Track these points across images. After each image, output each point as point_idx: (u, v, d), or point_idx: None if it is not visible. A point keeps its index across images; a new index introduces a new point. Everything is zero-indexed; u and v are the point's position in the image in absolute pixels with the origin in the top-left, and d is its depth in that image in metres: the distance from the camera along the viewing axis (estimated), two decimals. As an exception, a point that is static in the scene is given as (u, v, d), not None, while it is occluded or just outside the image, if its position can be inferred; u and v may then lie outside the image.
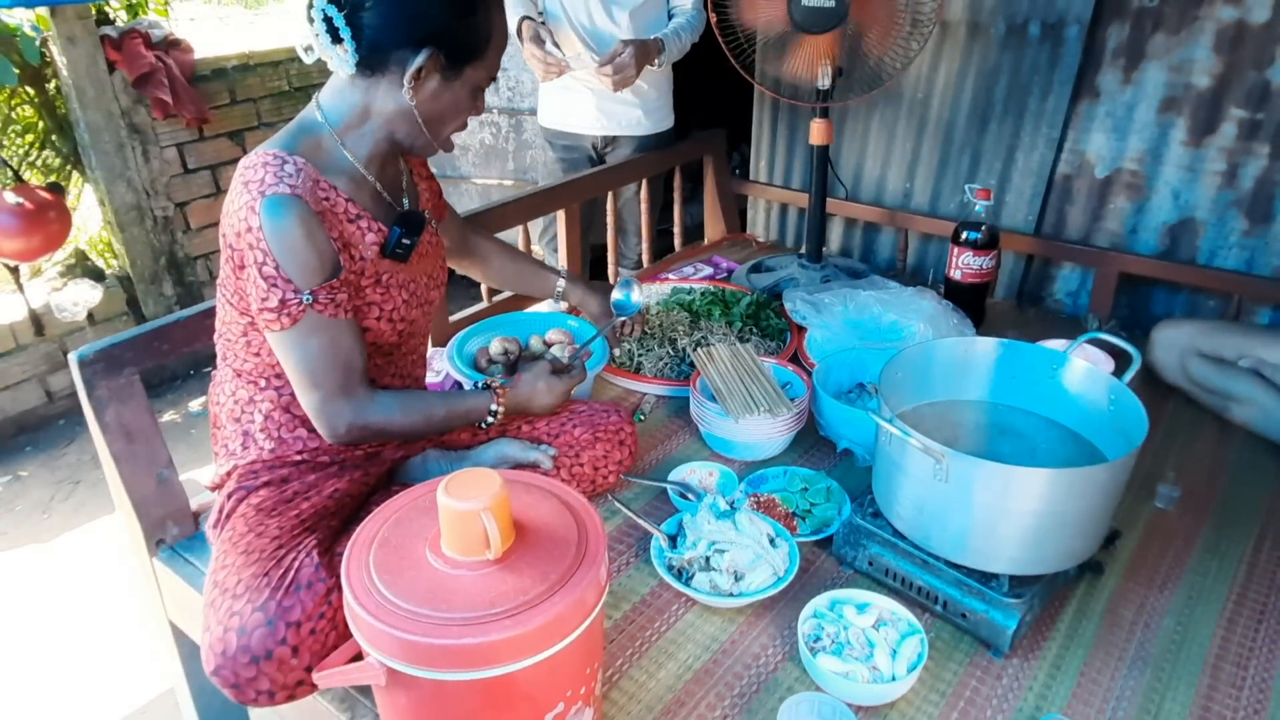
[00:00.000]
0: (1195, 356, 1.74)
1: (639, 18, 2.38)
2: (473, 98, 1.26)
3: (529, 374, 1.44)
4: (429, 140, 1.26)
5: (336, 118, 1.23)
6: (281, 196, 1.12)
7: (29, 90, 2.92)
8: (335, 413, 1.23)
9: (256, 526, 1.19)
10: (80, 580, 2.24)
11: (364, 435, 1.27)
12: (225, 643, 1.04)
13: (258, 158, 1.17)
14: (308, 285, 1.15)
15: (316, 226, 1.15)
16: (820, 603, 1.23)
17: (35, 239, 2.61)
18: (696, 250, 2.77)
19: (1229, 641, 1.23)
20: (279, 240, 1.12)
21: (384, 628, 0.85)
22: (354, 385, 1.24)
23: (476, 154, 3.36)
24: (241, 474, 1.29)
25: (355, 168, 1.25)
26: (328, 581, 1.09)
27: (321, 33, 1.15)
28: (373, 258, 1.25)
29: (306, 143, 1.21)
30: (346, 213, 1.22)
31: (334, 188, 1.21)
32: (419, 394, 1.35)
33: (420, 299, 1.36)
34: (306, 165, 1.17)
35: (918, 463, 1.17)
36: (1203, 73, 1.98)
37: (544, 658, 0.87)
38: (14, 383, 2.85)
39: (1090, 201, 2.21)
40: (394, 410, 1.28)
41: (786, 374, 1.76)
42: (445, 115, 1.25)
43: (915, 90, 2.40)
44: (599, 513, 1.02)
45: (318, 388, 1.21)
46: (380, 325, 1.28)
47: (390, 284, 1.28)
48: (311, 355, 1.19)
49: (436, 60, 1.18)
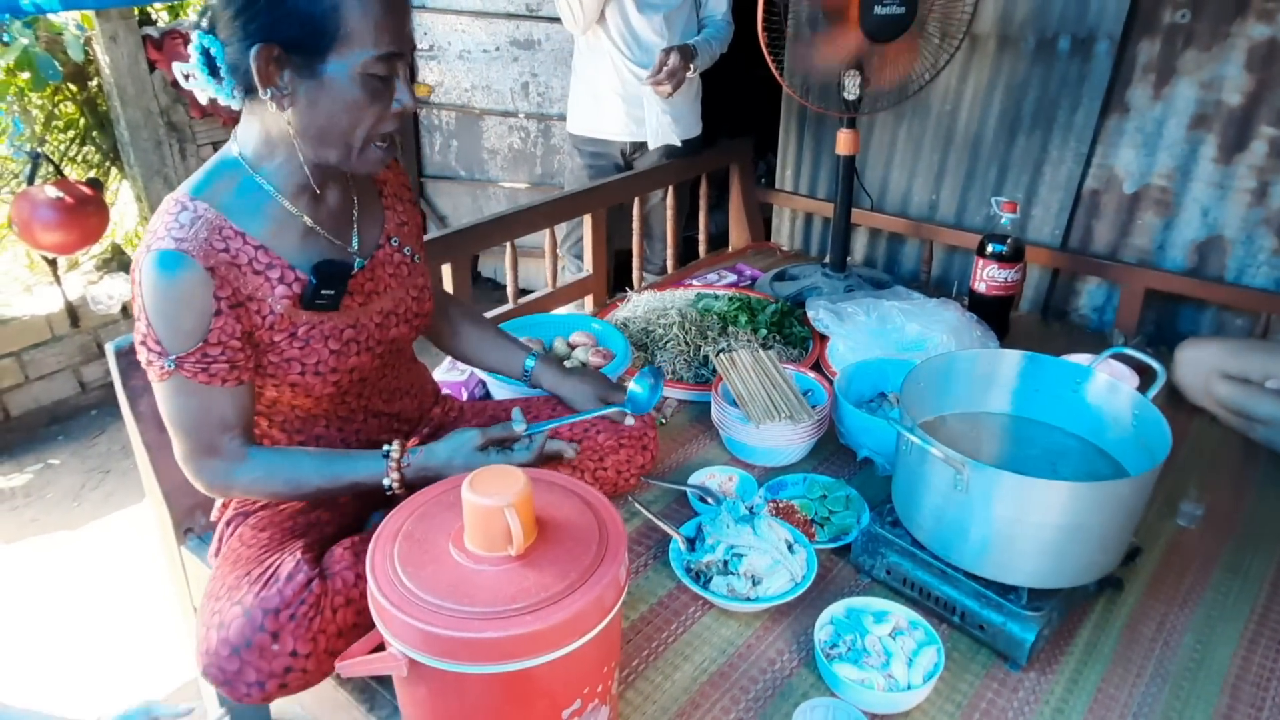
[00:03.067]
0: (1220, 377, 1.73)
1: (673, 22, 2.41)
2: (366, 91, 1.04)
3: (448, 445, 1.22)
4: (339, 153, 1.09)
5: (249, 151, 1.12)
6: (166, 251, 1.04)
7: (72, 87, 2.99)
8: (198, 470, 1.16)
9: (249, 540, 1.21)
10: (109, 567, 2.28)
11: (228, 494, 1.20)
12: (208, 641, 1.06)
13: (165, 203, 1.10)
14: (175, 350, 1.07)
15: (200, 285, 1.05)
16: (837, 610, 1.23)
17: (74, 233, 2.66)
18: (721, 257, 2.78)
19: (1249, 662, 1.22)
20: (153, 300, 1.05)
21: (407, 619, 0.87)
22: (220, 446, 1.14)
23: (505, 158, 3.39)
24: (239, 502, 1.30)
25: (278, 205, 1.13)
26: (309, 572, 1.09)
27: (199, 66, 1.07)
28: (285, 310, 1.13)
29: (218, 184, 1.11)
30: (254, 263, 1.10)
31: (242, 234, 1.09)
32: (299, 458, 1.19)
33: (369, 343, 1.23)
34: (208, 211, 1.07)
35: (938, 473, 1.18)
36: (1234, 90, 1.96)
37: (563, 654, 0.89)
38: (49, 372, 2.91)
39: (1118, 217, 2.20)
40: (261, 475, 1.16)
41: (808, 381, 1.76)
42: (337, 120, 1.06)
43: (943, 102, 2.40)
44: (619, 513, 1.03)
45: (181, 443, 1.15)
46: (306, 380, 1.17)
47: (310, 336, 1.15)
48: (177, 413, 1.12)
49: (277, 58, 1.02)
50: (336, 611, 1.09)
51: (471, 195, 3.48)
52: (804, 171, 2.79)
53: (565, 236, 2.72)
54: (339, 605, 1.09)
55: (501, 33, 3.18)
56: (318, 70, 1.03)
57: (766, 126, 2.95)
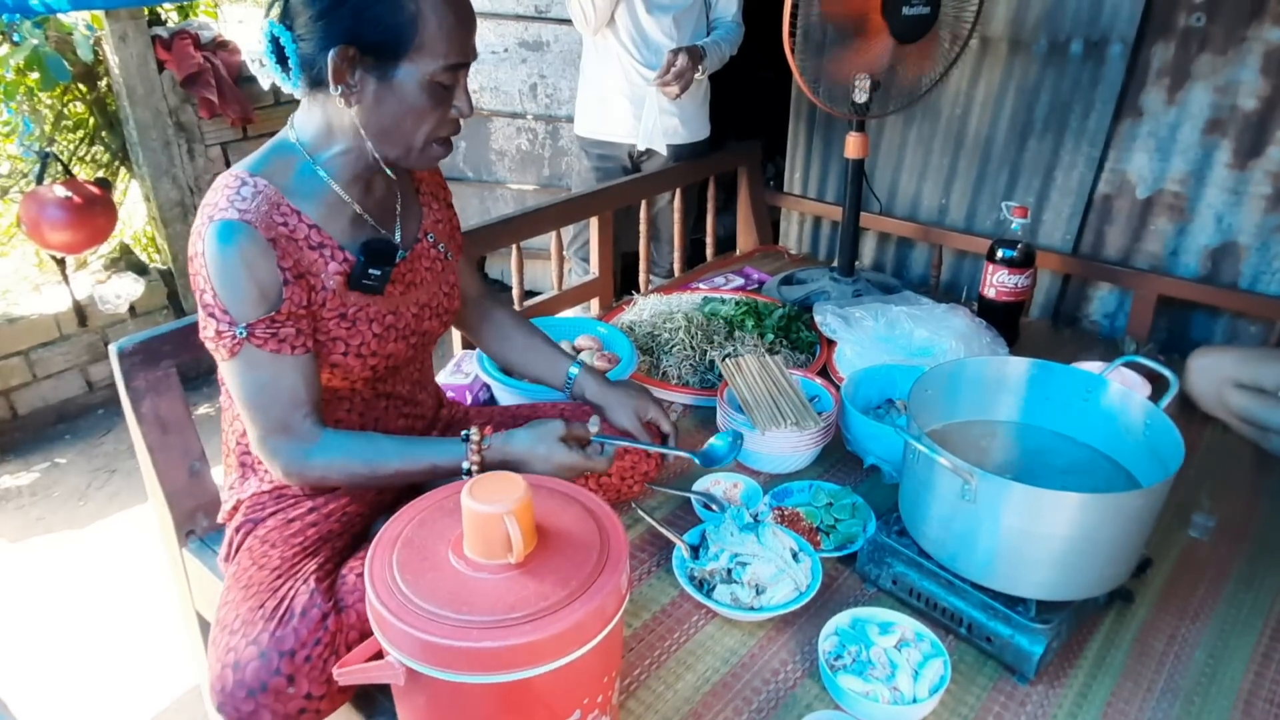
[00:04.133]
0: (1233, 386, 1.70)
1: (683, 24, 2.41)
2: (430, 96, 1.11)
3: (530, 432, 1.22)
4: (400, 151, 1.15)
5: (307, 138, 1.16)
6: (229, 222, 1.06)
7: (81, 87, 3.00)
8: (274, 451, 1.16)
9: (260, 559, 1.19)
10: (114, 567, 2.29)
11: (303, 479, 1.19)
12: (223, 680, 1.05)
13: (222, 179, 1.12)
14: (244, 318, 1.08)
15: (262, 255, 1.08)
16: (842, 620, 1.22)
17: (82, 232, 2.67)
18: (728, 260, 2.77)
19: (1263, 677, 1.20)
20: (219, 268, 1.07)
21: (405, 628, 0.86)
22: (296, 424, 1.15)
23: (513, 159, 3.38)
24: (248, 507, 1.29)
25: (331, 190, 1.17)
26: (323, 607, 1.09)
27: (268, 54, 1.10)
28: (337, 288, 1.17)
29: (276, 164, 1.15)
30: (308, 239, 1.14)
31: (298, 212, 1.13)
32: (376, 440, 1.21)
33: (405, 331, 1.27)
34: (268, 188, 1.11)
35: (946, 482, 1.16)
36: (1249, 95, 1.94)
37: (562, 664, 0.87)
38: (56, 371, 2.92)
39: (1130, 222, 2.18)
40: (338, 456, 1.16)
41: (815, 387, 1.75)
42: (399, 120, 1.11)
43: (954, 106, 2.38)
44: (622, 520, 1.02)
45: (255, 423, 1.15)
46: (349, 361, 1.20)
47: (358, 317, 1.19)
48: (249, 388, 1.13)
49: (352, 58, 1.06)
50: (350, 648, 1.08)
51: (479, 197, 3.48)
52: (812, 175, 2.77)
53: (572, 239, 2.71)
54: (353, 641, 1.09)
55: (510, 34, 3.18)
56: (389, 74, 1.09)
57: (775, 129, 2.94)
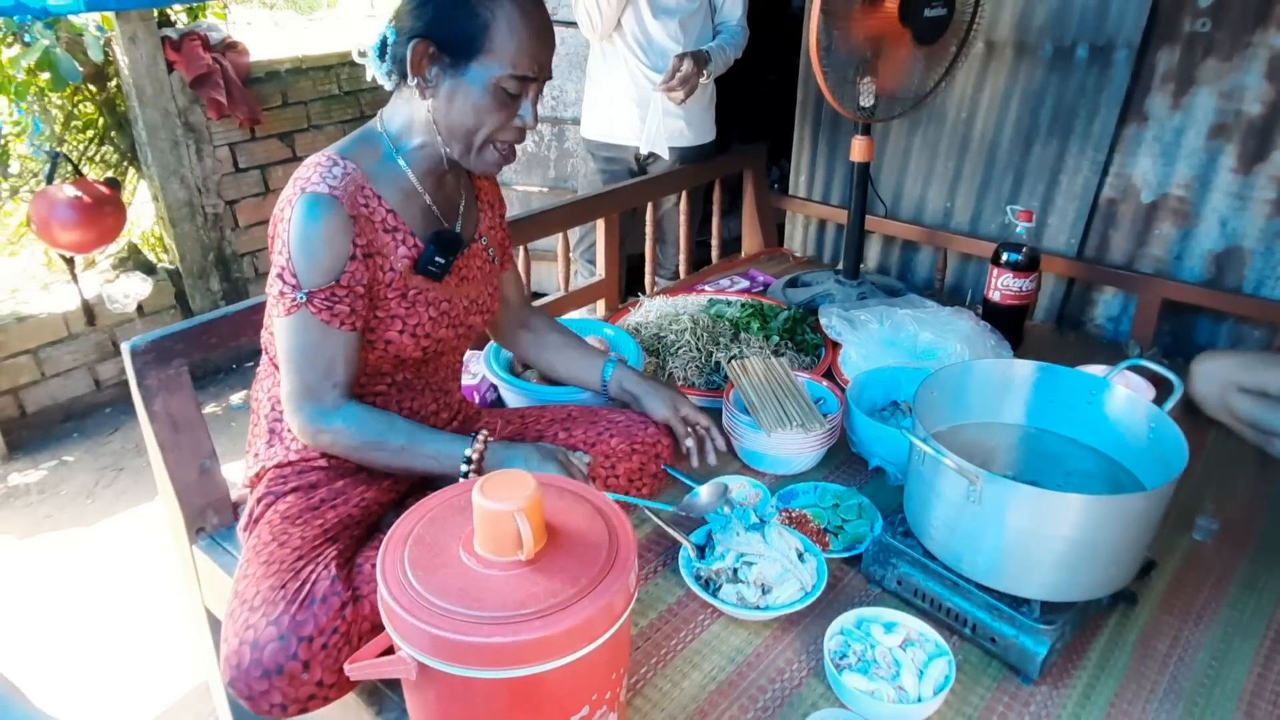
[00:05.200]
0: (1237, 391, 1.71)
1: (689, 28, 2.42)
2: (495, 100, 1.20)
3: (531, 447, 1.31)
4: (461, 148, 1.24)
5: (393, 129, 1.27)
6: (319, 195, 1.16)
7: (91, 88, 3.02)
8: (298, 408, 1.24)
9: (280, 535, 1.21)
10: (121, 564, 2.30)
11: (315, 439, 1.26)
12: (239, 655, 1.06)
13: (314, 158, 1.21)
14: (308, 284, 1.17)
15: (341, 231, 1.17)
16: (847, 620, 1.22)
17: (91, 232, 2.69)
18: (734, 263, 2.78)
19: (1265, 680, 1.21)
20: (300, 234, 1.16)
21: (416, 623, 0.87)
22: (324, 391, 1.23)
23: (519, 161, 3.40)
24: (271, 478, 1.32)
25: (409, 180, 1.27)
26: (343, 595, 1.11)
27: (374, 47, 1.22)
28: (403, 270, 1.26)
29: (363, 150, 1.24)
30: (384, 222, 1.24)
31: (378, 196, 1.23)
32: (391, 420, 1.28)
33: (455, 320, 1.35)
34: (355, 171, 1.21)
35: (951, 484, 1.17)
36: (1254, 100, 1.95)
37: (571, 660, 0.88)
38: (64, 370, 2.94)
39: (1135, 226, 2.19)
40: (352, 425, 1.24)
41: (820, 389, 1.76)
42: (466, 118, 1.21)
43: (959, 110, 2.39)
44: (629, 520, 1.03)
45: (289, 378, 1.24)
46: (403, 339, 1.28)
47: (417, 300, 1.28)
48: (294, 348, 1.21)
49: (430, 53, 1.18)
50: (362, 638, 1.10)
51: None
52: (818, 177, 2.78)
53: (578, 242, 2.72)
54: (365, 631, 1.11)
55: (517, 37, 3.19)
56: (461, 71, 1.19)
57: (780, 132, 2.95)
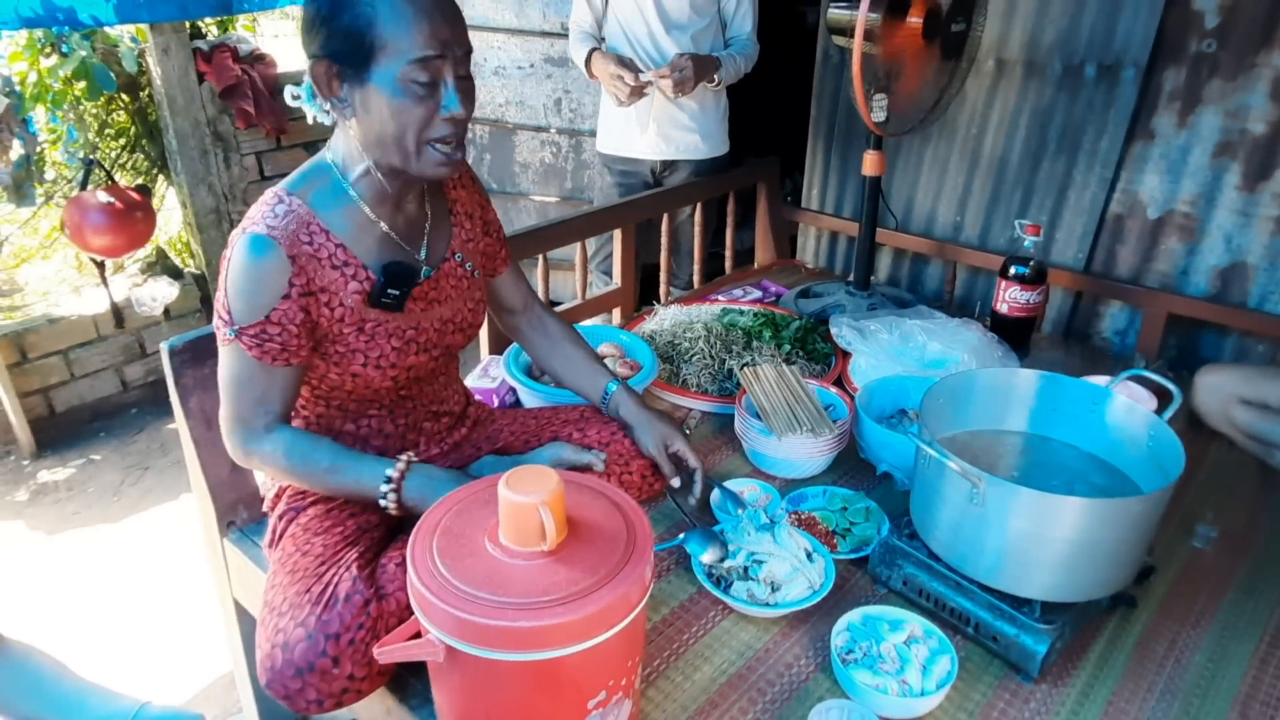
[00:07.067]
0: (1239, 403, 1.73)
1: (700, 42, 2.48)
2: (409, 96, 1.12)
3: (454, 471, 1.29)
4: (399, 157, 1.17)
5: (339, 159, 1.24)
6: (257, 236, 1.15)
7: (125, 97, 3.11)
8: (229, 431, 1.26)
9: (303, 545, 1.26)
10: (147, 561, 2.36)
11: (249, 463, 1.28)
12: (273, 658, 1.11)
13: (266, 194, 1.22)
14: (240, 321, 1.17)
15: (276, 272, 1.16)
16: (854, 617, 1.27)
17: (123, 237, 2.78)
18: (746, 273, 2.83)
19: (1260, 682, 1.24)
20: (235, 273, 1.16)
21: (445, 607, 0.92)
22: (255, 419, 1.24)
23: (536, 172, 3.47)
24: (291, 495, 1.36)
25: (360, 211, 1.24)
26: (365, 593, 1.15)
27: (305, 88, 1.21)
28: (355, 305, 1.24)
29: (312, 184, 1.22)
30: (332, 258, 1.21)
31: (326, 231, 1.20)
32: (320, 444, 1.26)
33: (427, 344, 1.33)
34: (301, 207, 1.19)
35: (955, 487, 1.21)
36: (1259, 119, 1.99)
37: (590, 645, 0.93)
38: (93, 371, 3.02)
39: (1141, 242, 2.23)
40: (282, 448, 1.24)
41: (830, 396, 1.80)
42: (387, 125, 1.14)
43: (970, 126, 2.43)
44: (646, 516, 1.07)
45: (223, 405, 1.25)
46: (368, 371, 1.27)
47: (376, 332, 1.26)
48: (228, 379, 1.23)
49: (334, 71, 1.14)
50: (390, 632, 1.13)
51: (503, 208, 3.56)
52: (830, 191, 2.83)
53: (595, 253, 2.77)
54: (392, 627, 1.15)
55: (536, 50, 3.26)
56: (365, 80, 1.13)
57: (793, 146, 3.00)
